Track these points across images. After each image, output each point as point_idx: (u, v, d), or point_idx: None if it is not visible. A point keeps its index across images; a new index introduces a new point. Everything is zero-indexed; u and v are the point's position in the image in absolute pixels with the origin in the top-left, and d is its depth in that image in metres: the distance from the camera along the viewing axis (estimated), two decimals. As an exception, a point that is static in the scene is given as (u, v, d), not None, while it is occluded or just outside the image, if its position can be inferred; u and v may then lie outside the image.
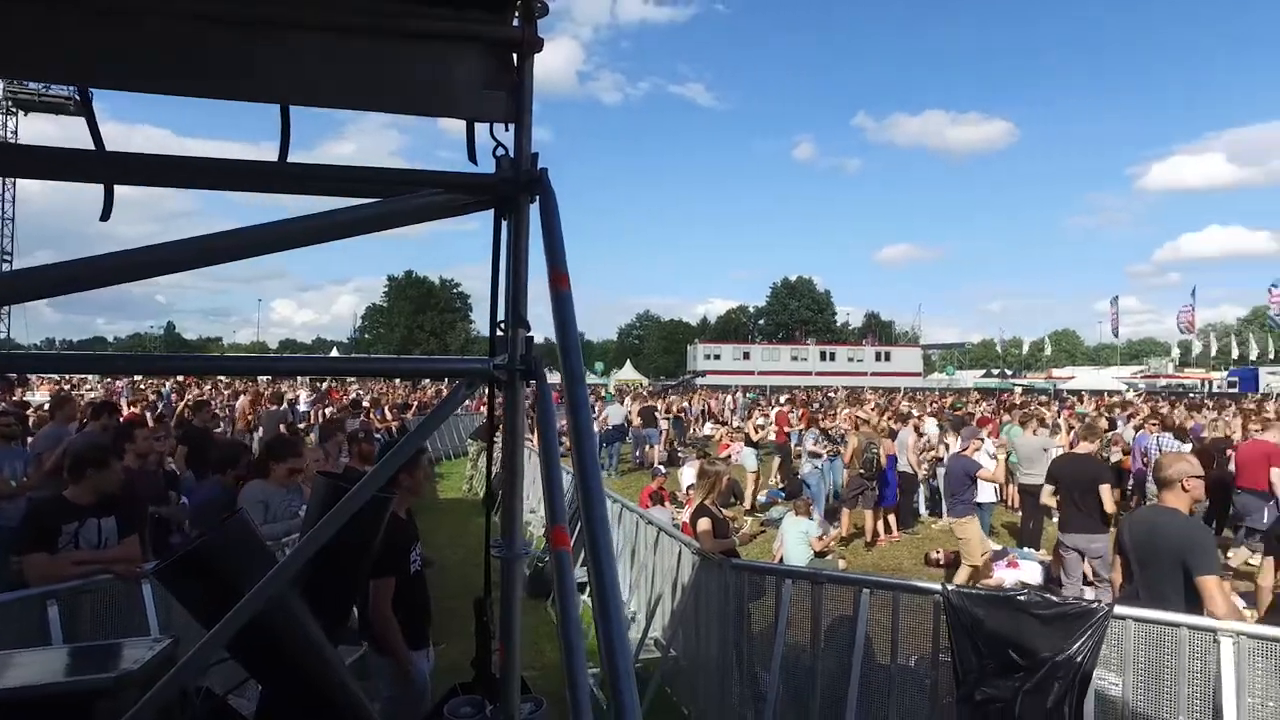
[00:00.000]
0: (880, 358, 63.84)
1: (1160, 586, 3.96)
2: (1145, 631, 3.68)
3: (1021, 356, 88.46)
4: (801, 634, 4.45)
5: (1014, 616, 3.87)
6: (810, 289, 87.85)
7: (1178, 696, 3.60)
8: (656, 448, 17.54)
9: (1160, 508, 4.19)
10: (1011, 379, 62.34)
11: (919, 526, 11.48)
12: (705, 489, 5.20)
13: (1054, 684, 3.76)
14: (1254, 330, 72.86)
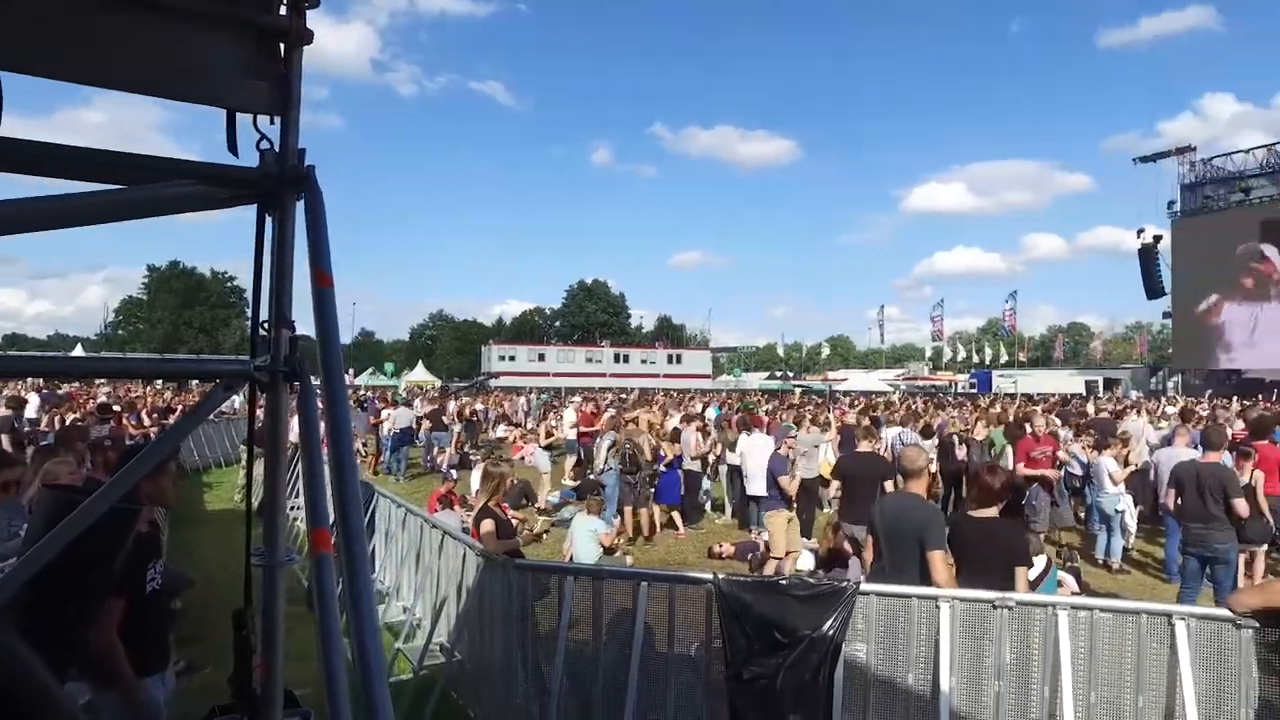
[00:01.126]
0: (672, 360, 66.42)
1: (903, 562, 4.49)
2: (885, 603, 4.15)
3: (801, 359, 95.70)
4: (585, 629, 4.57)
5: (777, 600, 4.22)
6: (606, 292, 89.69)
7: (909, 657, 4.10)
8: (447, 451, 17.17)
9: (904, 494, 4.78)
10: (792, 381, 67.09)
11: (704, 522, 12.10)
12: (489, 490, 5.20)
13: (811, 657, 4.14)
14: (989, 339, 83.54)
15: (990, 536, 4.51)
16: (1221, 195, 37.50)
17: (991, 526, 4.58)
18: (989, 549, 4.47)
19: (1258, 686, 3.70)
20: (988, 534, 4.52)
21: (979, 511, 4.61)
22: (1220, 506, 6.66)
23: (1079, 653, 3.90)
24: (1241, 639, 3.74)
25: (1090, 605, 3.96)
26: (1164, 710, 3.83)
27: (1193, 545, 6.95)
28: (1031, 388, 46.23)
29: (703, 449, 12.05)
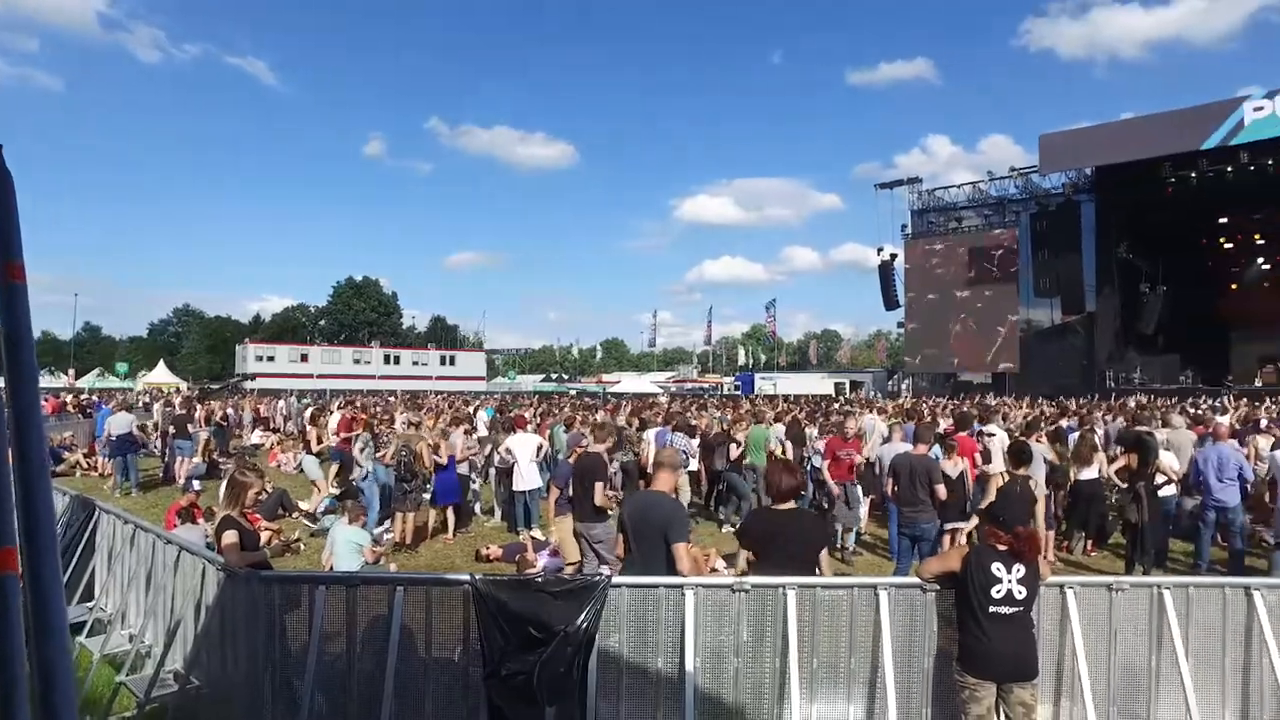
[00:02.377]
0: (445, 361, 64.85)
1: (650, 555, 4.77)
2: (635, 594, 4.39)
3: (576, 362, 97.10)
4: (338, 640, 4.42)
5: (533, 597, 4.32)
6: (377, 290, 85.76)
7: (658, 643, 4.38)
8: (188, 460, 15.60)
9: (651, 491, 5.07)
10: (567, 383, 67.93)
11: (472, 525, 11.98)
12: (232, 500, 4.85)
13: (566, 650, 4.28)
14: (752, 344, 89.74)
15: (791, 527, 4.75)
16: (941, 222, 43.15)
17: (792, 517, 4.84)
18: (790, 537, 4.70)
19: (937, 638, 4.36)
20: (791, 525, 4.76)
21: (780, 505, 4.85)
22: (926, 492, 7.72)
23: (804, 626, 4.37)
24: (928, 600, 4.39)
25: (813, 584, 4.44)
26: (870, 666, 4.39)
27: (905, 526, 7.98)
28: (789, 389, 50.21)
29: (470, 451, 11.94)
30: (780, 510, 4.82)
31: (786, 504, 4.85)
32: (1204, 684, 4.51)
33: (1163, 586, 4.51)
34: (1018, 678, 3.96)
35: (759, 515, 5.11)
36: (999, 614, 3.92)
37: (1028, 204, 39.22)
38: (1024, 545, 3.97)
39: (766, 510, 4.94)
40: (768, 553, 4.69)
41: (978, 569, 3.97)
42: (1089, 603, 4.48)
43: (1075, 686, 4.40)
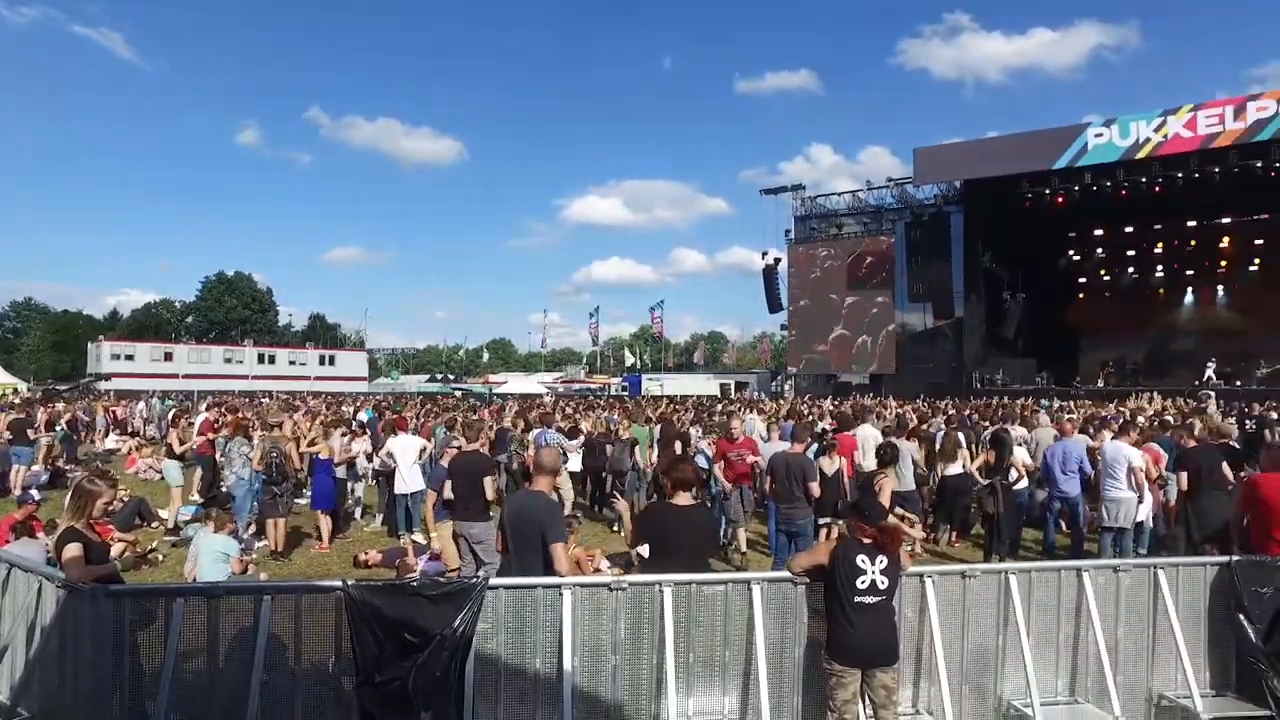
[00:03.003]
0: (325, 361, 62.39)
1: (527, 556, 4.75)
2: (512, 595, 4.36)
3: (463, 362, 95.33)
4: (198, 655, 4.18)
5: (408, 602, 4.21)
6: (250, 286, 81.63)
7: (535, 644, 4.36)
8: (25, 468, 14.33)
9: (529, 490, 5.05)
10: (454, 384, 66.60)
11: (351, 530, 11.58)
12: (77, 510, 4.50)
13: (442, 654, 4.19)
14: (640, 345, 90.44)
15: (686, 523, 4.84)
16: (823, 228, 44.72)
17: (687, 514, 4.91)
18: (683, 533, 4.80)
19: (807, 628, 4.54)
20: (685, 520, 4.84)
21: (677, 500, 4.91)
22: (801, 489, 8.00)
23: (680, 622, 4.45)
24: (798, 593, 4.56)
25: (689, 580, 4.52)
26: (744, 658, 4.52)
27: (782, 523, 8.25)
28: (676, 390, 50.87)
29: (349, 453, 11.54)
30: (677, 506, 4.90)
31: (682, 499, 4.93)
32: (1042, 658, 4.87)
33: (1009, 572, 4.86)
34: (880, 663, 4.17)
35: (656, 510, 5.20)
36: (864, 604, 4.12)
37: (903, 213, 41.13)
38: (887, 539, 4.19)
39: (665, 506, 5.00)
40: (661, 548, 4.76)
41: (844, 562, 4.16)
42: (945, 590, 4.77)
43: (932, 667, 4.66)
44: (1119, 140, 31.78)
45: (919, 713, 4.77)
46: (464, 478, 7.31)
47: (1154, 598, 5.00)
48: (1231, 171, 30.78)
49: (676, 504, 4.89)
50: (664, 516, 4.90)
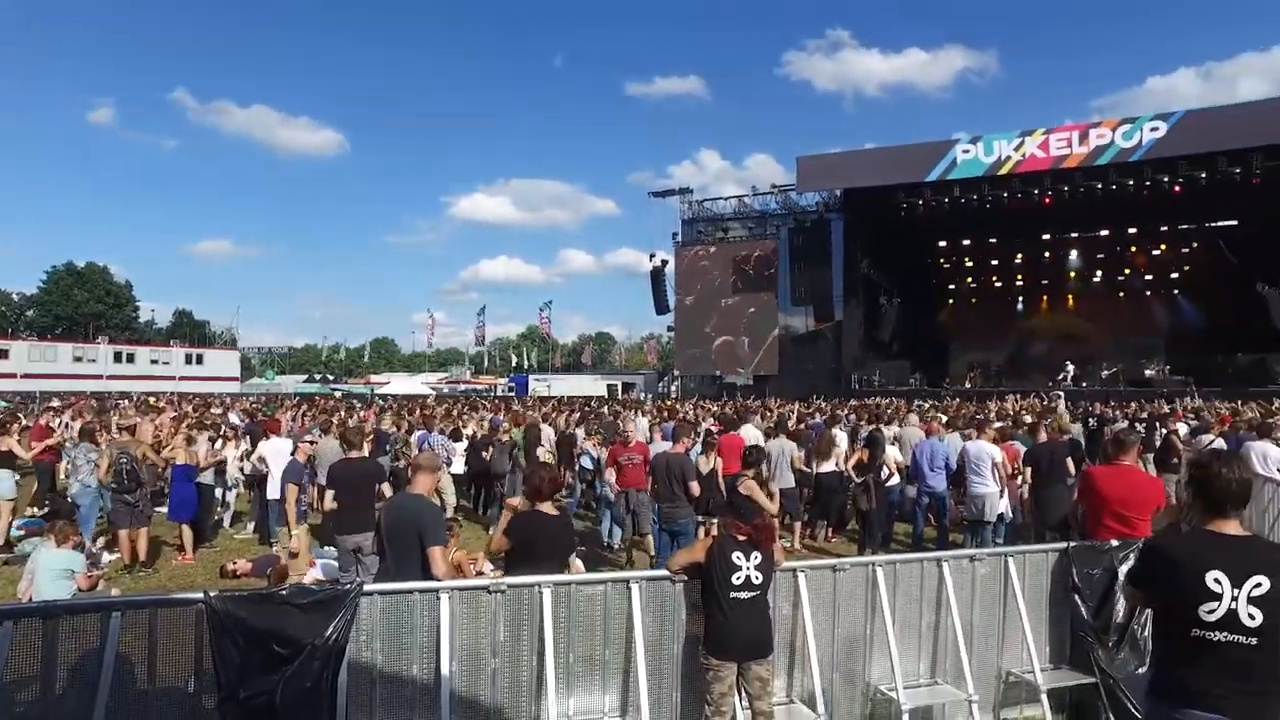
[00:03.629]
0: (191, 360, 58.82)
1: (405, 560, 4.64)
2: (388, 601, 4.24)
3: (343, 362, 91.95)
4: (31, 683, 3.85)
5: (277, 611, 4.04)
6: (105, 278, 75.99)
7: (413, 649, 4.27)
8: None
9: (407, 494, 4.94)
10: (333, 384, 64.13)
11: (219, 539, 10.98)
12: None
13: (313, 665, 4.04)
14: (528, 345, 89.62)
15: (547, 531, 4.87)
16: (709, 231, 45.65)
17: (549, 522, 4.93)
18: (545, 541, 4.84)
19: (686, 625, 4.63)
20: (546, 529, 4.87)
21: (540, 506, 4.92)
22: (682, 488, 8.15)
23: (560, 622, 4.45)
24: (677, 591, 4.64)
25: (568, 581, 4.53)
26: (624, 656, 4.56)
27: (664, 522, 8.37)
28: (564, 391, 50.76)
29: (217, 458, 10.92)
30: (540, 513, 4.90)
31: (547, 505, 4.94)
32: (905, 644, 5.15)
33: (876, 565, 5.11)
34: (756, 655, 4.31)
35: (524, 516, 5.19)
36: (739, 599, 4.24)
37: (787, 219, 42.46)
38: (761, 535, 4.34)
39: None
40: (524, 554, 4.78)
41: (720, 558, 4.27)
42: (817, 583, 4.96)
43: (805, 658, 4.84)
44: (984, 157, 33.96)
45: (793, 701, 4.95)
46: (348, 487, 6.99)
47: (1004, 584, 5.36)
48: (1078, 191, 33.42)
49: (541, 511, 4.91)
50: (529, 524, 4.89)
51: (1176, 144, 30.92)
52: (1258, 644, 2.77)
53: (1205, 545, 2.95)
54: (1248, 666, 2.78)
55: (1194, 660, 2.85)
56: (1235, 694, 2.77)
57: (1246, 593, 2.78)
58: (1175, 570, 2.94)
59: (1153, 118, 31.99)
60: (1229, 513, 2.98)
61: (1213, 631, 2.80)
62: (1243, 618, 2.77)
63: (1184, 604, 2.87)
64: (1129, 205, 33.76)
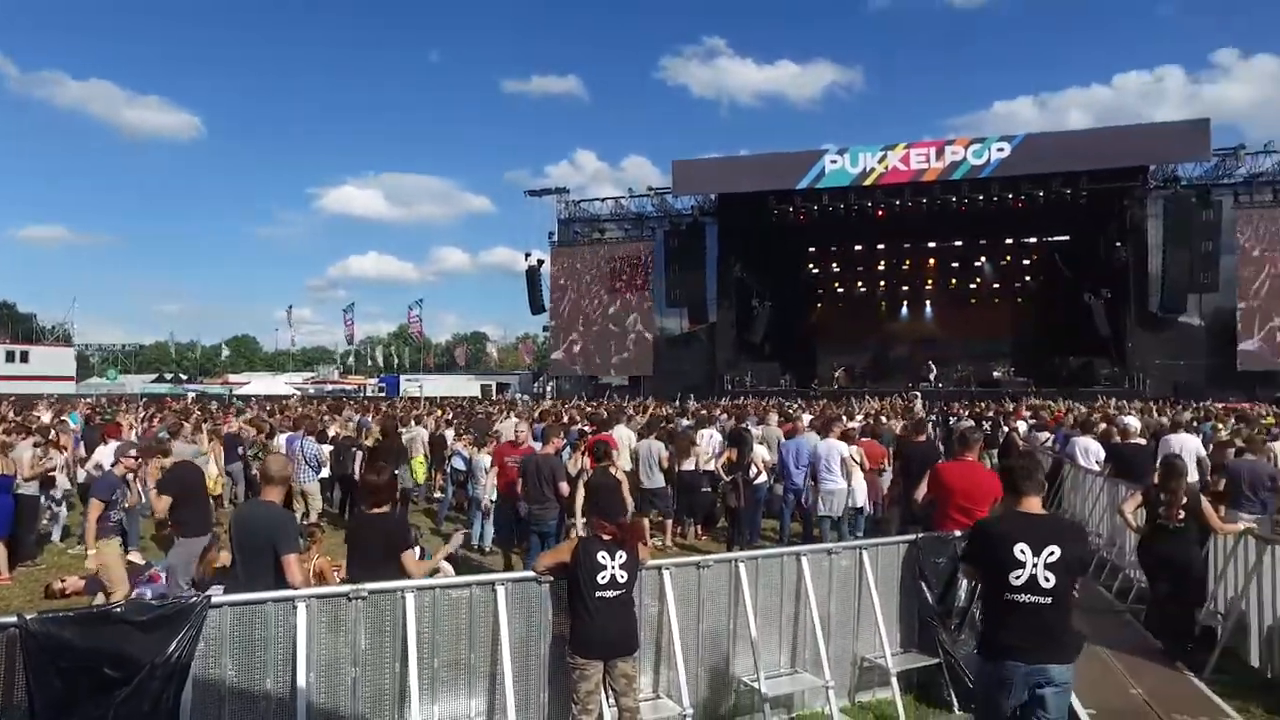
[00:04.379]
0: (15, 358, 53.48)
1: (257, 569, 4.42)
2: (239, 613, 4.01)
3: (197, 361, 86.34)
4: None
5: (112, 631, 3.74)
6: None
7: (265, 663, 4.06)
8: None
9: (258, 500, 4.71)
10: (186, 384, 60.16)
11: (44, 556, 10.07)
12: None
13: (152, 685, 3.77)
14: (399, 344, 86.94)
15: (380, 529, 4.78)
16: (585, 232, 45.71)
17: (382, 521, 4.83)
18: (376, 540, 4.75)
19: (552, 626, 4.63)
20: (378, 528, 4.78)
21: (373, 509, 4.80)
22: (551, 490, 8.14)
23: (424, 627, 4.34)
24: (543, 592, 4.64)
25: (432, 585, 4.44)
26: (490, 659, 4.51)
27: (533, 524, 8.33)
28: (436, 391, 49.52)
29: (44, 466, 9.99)
30: (371, 514, 4.83)
31: (378, 507, 4.88)
32: (767, 636, 5.34)
33: (738, 560, 5.28)
34: (621, 653, 4.35)
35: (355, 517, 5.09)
36: (604, 598, 4.27)
37: (662, 222, 43.11)
38: (626, 534, 4.39)
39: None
40: (354, 555, 4.74)
41: (585, 558, 4.30)
42: (682, 580, 5.07)
43: (670, 653, 4.94)
44: (850, 167, 35.69)
45: (659, 696, 5.03)
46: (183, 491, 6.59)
47: (859, 574, 5.66)
48: (935, 203, 35.67)
49: (370, 512, 4.87)
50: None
51: (1019, 164, 33.58)
52: (1052, 603, 3.43)
53: (1013, 523, 3.64)
54: (1044, 620, 3.43)
55: (1007, 620, 3.49)
56: (1036, 646, 3.42)
57: (1043, 560, 3.43)
58: (993, 544, 3.59)
59: (999, 139, 34.63)
60: (1030, 495, 3.67)
61: (1019, 594, 3.44)
62: (1040, 581, 3.42)
63: (999, 572, 3.50)
64: (979, 218, 36.33)
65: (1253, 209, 34.85)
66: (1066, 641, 3.52)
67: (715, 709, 5.25)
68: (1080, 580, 3.85)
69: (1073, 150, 33.72)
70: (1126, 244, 34.02)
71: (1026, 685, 3.44)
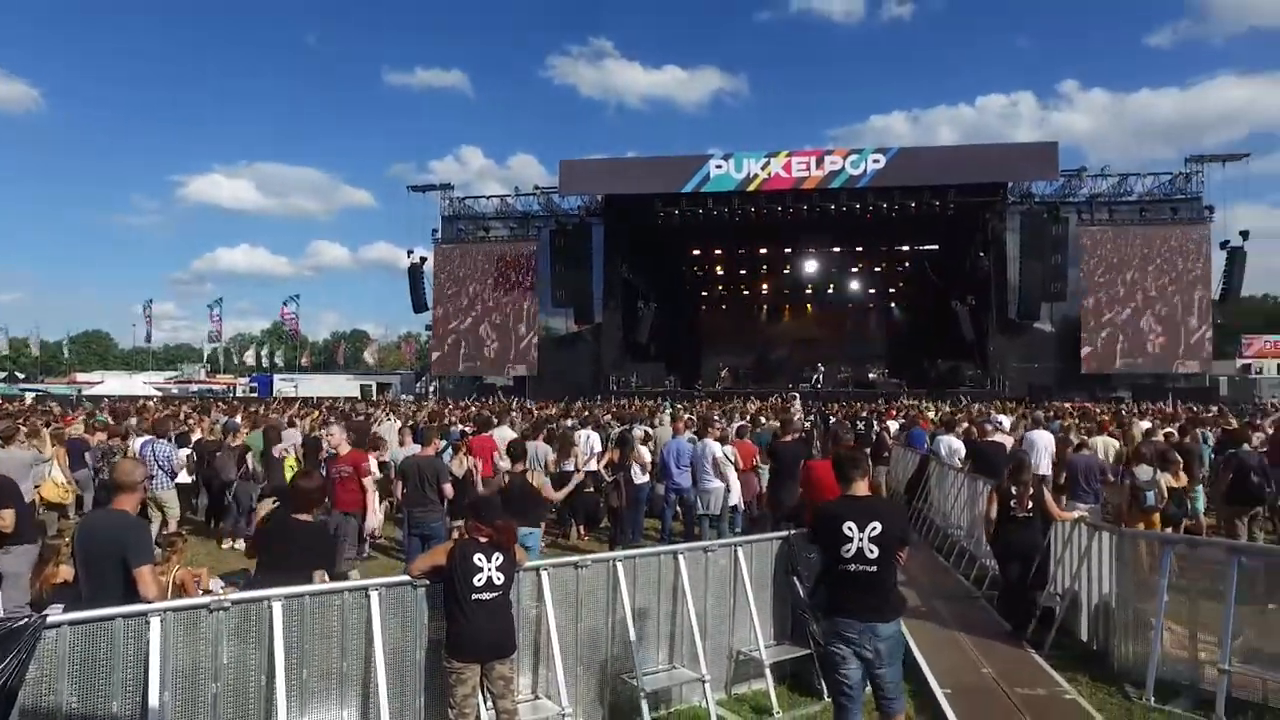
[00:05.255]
0: None
1: (106, 583, 4.13)
2: (82, 632, 3.73)
3: (40, 358, 79.35)
4: None
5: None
6: None
7: (112, 684, 3.79)
8: None
9: (108, 510, 4.40)
10: (25, 384, 55.38)
11: None
12: None
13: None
14: (273, 342, 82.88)
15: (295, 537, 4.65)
16: (470, 230, 44.85)
17: (304, 530, 4.69)
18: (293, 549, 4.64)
19: (428, 630, 4.56)
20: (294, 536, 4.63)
21: (298, 515, 4.65)
22: (435, 492, 7.98)
23: (292, 637, 4.17)
24: (418, 596, 4.56)
25: (301, 593, 4.27)
26: (363, 667, 4.38)
27: (414, 527, 8.14)
28: (313, 391, 47.51)
29: None
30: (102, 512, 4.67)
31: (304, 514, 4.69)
32: (645, 633, 5.43)
33: (616, 560, 5.35)
34: (498, 655, 4.33)
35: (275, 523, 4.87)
36: (481, 600, 4.24)
37: (549, 221, 42.79)
38: (502, 536, 4.37)
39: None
40: (271, 563, 4.56)
41: (462, 560, 4.25)
42: (560, 580, 5.09)
43: (549, 654, 4.94)
44: (734, 173, 36.60)
45: (537, 697, 5.03)
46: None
47: (734, 571, 5.83)
48: (815, 210, 37.01)
49: (296, 519, 4.65)
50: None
51: (893, 175, 35.33)
52: (876, 570, 4.14)
53: (843, 505, 4.35)
54: (871, 585, 4.15)
55: (842, 586, 4.22)
56: (866, 606, 4.15)
57: (868, 535, 4.13)
58: (827, 524, 4.30)
59: (875, 150, 36.32)
60: (856, 480, 4.38)
61: (850, 564, 4.16)
62: (866, 552, 4.13)
63: (834, 547, 4.22)
64: (856, 226, 37.99)
65: (1094, 226, 38.39)
66: (891, 602, 4.26)
67: (594, 707, 5.29)
68: (903, 551, 4.50)
69: (941, 165, 35.90)
70: (988, 255, 36.35)
71: (860, 639, 4.12)
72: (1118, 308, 37.42)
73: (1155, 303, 37.26)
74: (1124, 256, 37.59)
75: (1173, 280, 37.28)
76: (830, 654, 4.28)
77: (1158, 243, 37.59)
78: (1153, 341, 37.25)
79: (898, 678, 4.30)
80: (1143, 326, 37.25)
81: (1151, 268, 37.39)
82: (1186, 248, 37.50)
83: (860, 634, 4.12)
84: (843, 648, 4.16)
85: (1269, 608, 5.73)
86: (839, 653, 4.18)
